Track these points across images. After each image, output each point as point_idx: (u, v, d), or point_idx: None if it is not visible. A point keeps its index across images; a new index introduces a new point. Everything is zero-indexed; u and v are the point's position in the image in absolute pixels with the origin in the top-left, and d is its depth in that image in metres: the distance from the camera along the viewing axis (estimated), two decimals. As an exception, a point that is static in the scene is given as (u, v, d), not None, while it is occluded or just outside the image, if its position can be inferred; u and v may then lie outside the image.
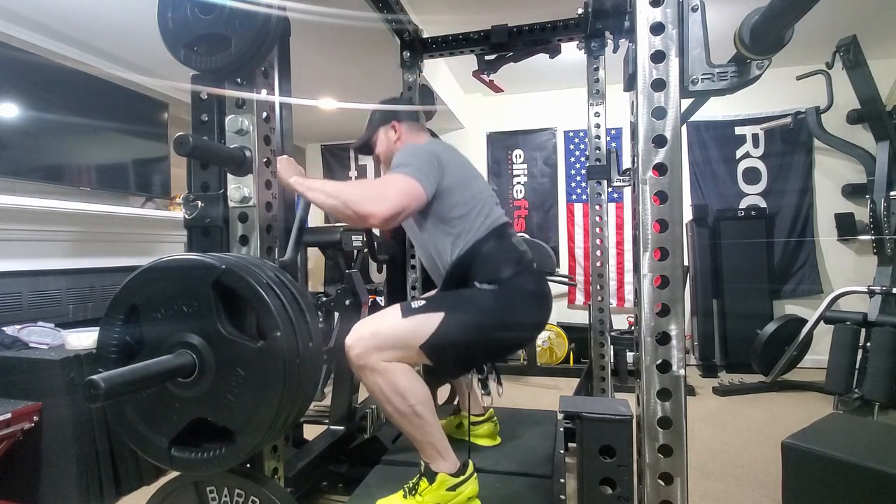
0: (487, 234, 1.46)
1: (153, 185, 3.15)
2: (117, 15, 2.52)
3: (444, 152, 1.49)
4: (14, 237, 2.33)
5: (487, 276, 1.42)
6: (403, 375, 1.29)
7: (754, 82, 0.92)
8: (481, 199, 1.51)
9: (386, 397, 1.29)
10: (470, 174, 1.53)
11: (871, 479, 1.41)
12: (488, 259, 1.44)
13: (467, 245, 1.44)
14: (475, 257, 1.44)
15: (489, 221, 1.49)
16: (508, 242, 1.50)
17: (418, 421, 1.31)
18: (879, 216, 3.17)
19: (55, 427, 1.87)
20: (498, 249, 1.46)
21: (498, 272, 1.42)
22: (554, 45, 2.34)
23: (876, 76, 3.20)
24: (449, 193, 1.44)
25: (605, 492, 1.12)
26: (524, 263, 1.48)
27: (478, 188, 1.52)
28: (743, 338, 3.72)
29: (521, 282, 1.44)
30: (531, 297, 1.46)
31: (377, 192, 1.30)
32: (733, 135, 4.16)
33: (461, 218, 1.45)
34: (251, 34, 1.04)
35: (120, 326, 0.97)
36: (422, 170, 1.36)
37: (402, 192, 1.32)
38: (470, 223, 1.46)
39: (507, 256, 1.46)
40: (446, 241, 1.46)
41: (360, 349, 1.28)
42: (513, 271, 1.43)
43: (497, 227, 1.49)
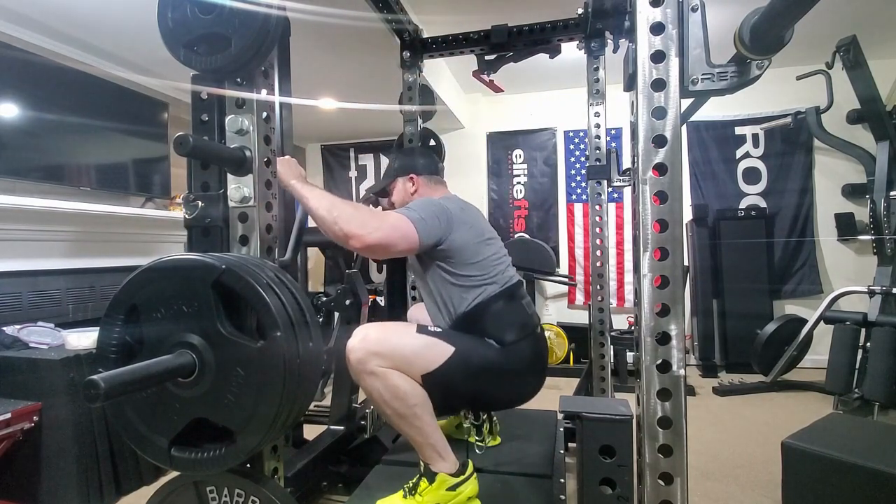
0: (499, 293, 1.47)
1: (153, 185, 3.15)
2: (117, 15, 2.52)
3: (460, 210, 1.49)
4: (14, 237, 2.33)
5: (493, 336, 1.44)
6: (401, 378, 1.30)
7: (754, 82, 0.92)
8: (495, 259, 1.51)
9: (384, 400, 1.30)
10: (484, 233, 1.53)
11: (871, 479, 1.41)
12: (496, 319, 1.45)
13: (477, 301, 1.45)
14: (484, 315, 1.45)
15: (502, 281, 1.49)
16: (518, 305, 1.51)
17: (417, 423, 1.31)
18: (879, 216, 3.17)
19: (55, 427, 1.87)
20: (506, 311, 1.47)
21: (504, 334, 1.44)
22: (554, 45, 2.34)
23: (876, 76, 3.20)
24: (461, 251, 1.44)
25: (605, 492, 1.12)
26: (529, 328, 1.49)
27: (493, 248, 1.53)
28: (743, 338, 3.72)
29: (524, 347, 1.46)
30: (530, 363, 1.48)
31: (369, 219, 1.30)
32: (733, 135, 4.16)
33: (472, 276, 1.46)
34: (251, 34, 1.04)
35: (120, 326, 0.97)
36: (424, 219, 1.37)
37: (393, 227, 1.32)
38: (481, 281, 1.46)
39: (514, 319, 1.47)
40: (454, 292, 1.47)
41: (363, 353, 1.28)
42: (518, 336, 1.45)
43: (509, 288, 1.50)
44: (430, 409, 1.33)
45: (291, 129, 1.59)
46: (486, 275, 1.47)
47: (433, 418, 1.34)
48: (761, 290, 3.93)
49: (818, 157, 4.00)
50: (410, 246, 1.36)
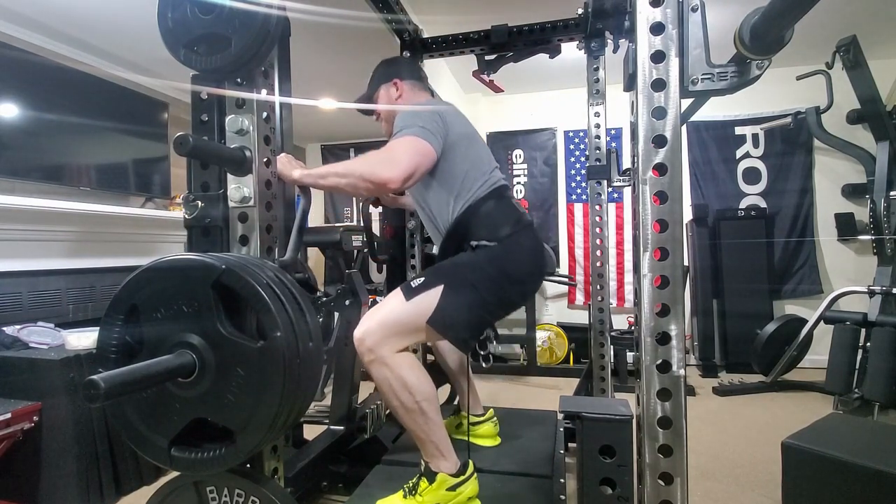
0: (487, 194, 1.47)
1: (153, 185, 3.15)
2: (117, 15, 2.52)
3: (447, 112, 1.49)
4: (14, 237, 2.33)
5: (487, 235, 1.42)
6: (411, 370, 1.30)
7: (754, 82, 0.92)
8: (482, 160, 1.51)
9: (393, 391, 1.29)
10: (471, 135, 1.53)
11: (871, 479, 1.41)
12: (488, 218, 1.44)
13: (467, 204, 1.45)
14: (475, 216, 1.44)
15: (490, 182, 1.49)
16: (507, 203, 1.50)
17: (422, 418, 1.31)
18: (879, 216, 3.17)
19: (55, 427, 1.87)
20: (497, 209, 1.46)
21: (497, 230, 1.42)
22: (554, 45, 2.34)
23: (876, 76, 3.20)
24: (450, 152, 1.44)
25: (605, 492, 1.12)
26: (523, 223, 1.48)
27: (479, 149, 1.52)
28: (743, 338, 3.72)
29: (520, 239, 1.44)
30: (530, 252, 1.46)
31: (387, 157, 1.31)
32: (733, 135, 4.16)
33: (462, 178, 1.45)
34: (251, 34, 1.04)
35: (120, 326, 0.97)
36: (427, 129, 1.37)
37: (412, 152, 1.33)
38: (471, 183, 1.46)
39: (506, 215, 1.46)
40: (447, 199, 1.47)
41: (371, 342, 1.28)
42: (511, 230, 1.44)
43: (497, 188, 1.50)
44: (436, 406, 1.33)
45: (291, 129, 1.60)
46: (473, 176, 1.47)
47: (439, 416, 1.34)
48: (761, 290, 3.93)
49: (818, 157, 4.00)
50: (432, 160, 1.37)
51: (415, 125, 1.37)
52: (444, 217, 1.49)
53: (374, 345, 1.28)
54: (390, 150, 1.33)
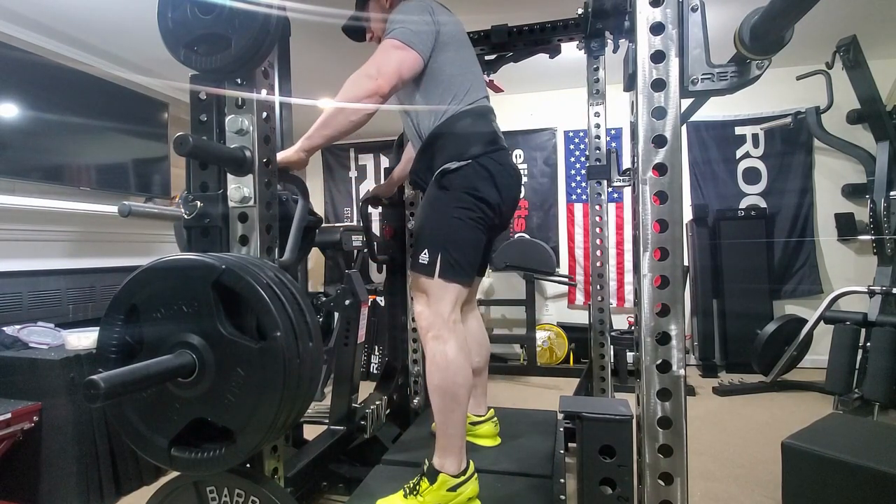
0: (468, 109, 1.45)
1: (153, 185, 3.15)
2: (117, 15, 2.52)
3: (440, 10, 1.46)
4: (14, 237, 2.33)
5: (457, 153, 1.41)
6: (459, 353, 1.35)
7: (754, 82, 0.92)
8: (471, 74, 1.49)
9: (438, 367, 1.34)
10: (463, 42, 1.51)
11: (871, 479, 1.41)
12: (462, 135, 1.43)
13: (447, 116, 1.44)
14: (451, 131, 1.43)
15: (472, 98, 1.47)
16: (486, 122, 1.48)
17: (453, 404, 1.34)
18: (879, 216, 3.17)
19: (55, 427, 1.87)
20: (473, 126, 1.44)
21: (468, 148, 1.41)
22: (554, 45, 2.34)
23: (876, 76, 3.20)
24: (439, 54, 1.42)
25: (605, 492, 1.12)
26: (497, 144, 1.47)
27: (469, 62, 1.50)
28: (743, 338, 3.72)
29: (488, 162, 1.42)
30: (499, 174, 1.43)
31: (366, 74, 1.30)
32: (733, 135, 4.16)
33: (446, 86, 1.44)
34: (251, 34, 1.04)
35: (120, 326, 0.97)
36: (416, 31, 1.35)
37: (395, 59, 1.32)
38: (454, 93, 1.44)
39: (481, 134, 1.45)
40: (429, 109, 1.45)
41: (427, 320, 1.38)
42: (483, 149, 1.42)
43: (479, 107, 1.48)
44: (467, 398, 1.38)
45: (291, 129, 1.59)
46: (456, 89, 1.45)
47: (465, 414, 1.39)
48: (761, 290, 3.93)
49: (818, 157, 4.00)
50: (415, 61, 1.36)
51: (403, 26, 1.35)
52: (425, 125, 1.48)
53: (431, 322, 1.37)
54: (373, 60, 1.33)
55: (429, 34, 1.39)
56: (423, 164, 1.50)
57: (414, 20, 1.38)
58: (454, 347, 1.35)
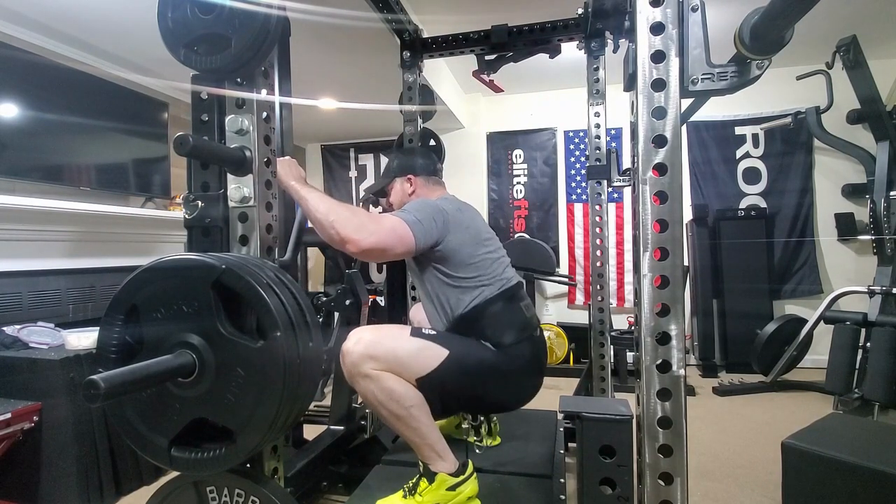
0: (497, 294, 1.46)
1: (153, 185, 3.15)
2: (117, 15, 2.51)
3: (457, 211, 1.49)
4: (14, 237, 2.33)
5: (491, 339, 1.43)
6: (396, 381, 1.30)
7: (754, 82, 0.92)
8: (493, 260, 1.51)
9: (380, 402, 1.30)
10: (482, 234, 1.53)
11: (871, 479, 1.41)
12: (494, 321, 1.44)
13: (475, 303, 1.44)
14: (481, 317, 1.44)
15: (500, 283, 1.49)
16: (517, 307, 1.50)
17: (414, 424, 1.31)
18: (879, 216, 3.17)
19: (55, 427, 1.87)
20: (504, 313, 1.46)
21: (502, 336, 1.43)
22: (554, 45, 2.34)
23: (876, 76, 3.20)
24: (458, 252, 1.44)
25: (605, 492, 1.12)
26: (528, 331, 1.49)
27: (490, 249, 1.52)
28: (743, 338, 3.72)
29: (522, 350, 1.45)
30: (528, 368, 1.48)
31: (365, 223, 1.30)
32: (733, 135, 4.16)
33: (469, 278, 1.45)
34: (251, 34, 1.04)
35: (120, 326, 0.97)
36: (420, 221, 1.37)
37: (390, 231, 1.32)
38: (478, 283, 1.46)
39: (512, 321, 1.46)
40: (451, 294, 1.46)
41: (357, 357, 1.28)
42: (515, 338, 1.44)
43: (508, 289, 1.49)
44: (426, 410, 1.33)
45: (291, 129, 1.59)
46: (484, 276, 1.46)
47: (430, 419, 1.34)
48: (761, 290, 3.93)
49: (818, 157, 4.00)
50: (407, 249, 1.36)
51: (412, 214, 1.38)
52: (447, 310, 1.49)
53: (360, 360, 1.28)
54: (373, 220, 1.33)
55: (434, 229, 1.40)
56: None
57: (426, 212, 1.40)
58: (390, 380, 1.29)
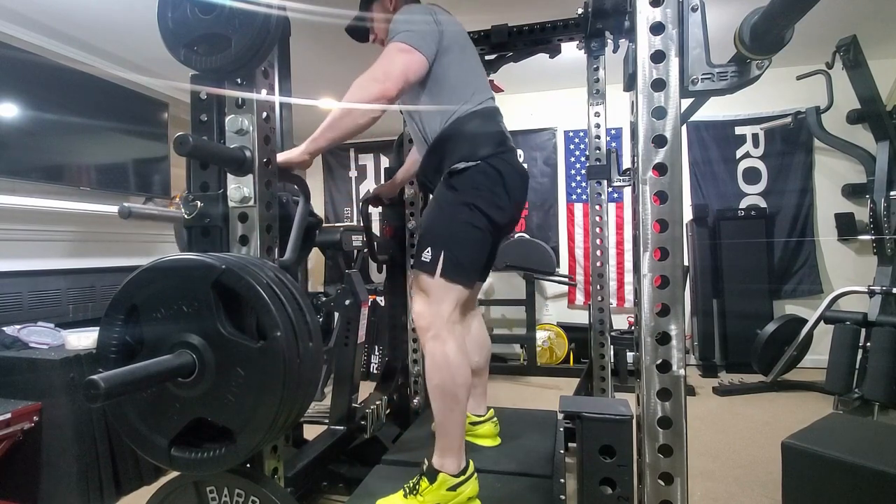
0: (476, 111, 1.45)
1: (153, 185, 3.15)
2: (117, 15, 2.52)
3: (442, 13, 1.47)
4: (14, 237, 2.33)
5: (467, 153, 1.41)
6: (458, 353, 1.34)
7: (754, 82, 0.92)
8: (475, 75, 1.49)
9: (437, 367, 1.34)
10: (466, 44, 1.51)
11: (871, 479, 1.41)
12: (471, 136, 1.43)
13: (455, 117, 1.43)
14: (459, 132, 1.43)
15: (479, 99, 1.47)
16: (494, 123, 1.48)
17: (453, 404, 1.34)
18: (879, 216, 3.17)
19: (55, 427, 1.87)
20: (482, 127, 1.44)
21: (478, 149, 1.41)
22: (554, 45, 2.34)
23: (876, 76, 3.20)
24: (443, 57, 1.42)
25: (605, 492, 1.12)
26: (506, 146, 1.47)
27: (473, 62, 1.50)
28: (743, 338, 3.72)
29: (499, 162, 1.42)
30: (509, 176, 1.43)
31: (375, 76, 1.30)
32: (733, 135, 4.16)
33: (452, 88, 1.44)
34: (251, 34, 1.04)
35: (120, 326, 0.97)
36: (420, 34, 1.35)
37: (401, 61, 1.32)
38: (460, 95, 1.44)
39: (490, 135, 1.44)
40: (436, 110, 1.45)
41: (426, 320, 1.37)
42: (493, 150, 1.42)
43: (487, 108, 1.48)
44: (466, 400, 1.38)
45: (291, 130, 1.59)
46: (462, 90, 1.45)
47: (464, 413, 1.39)
48: (761, 290, 3.93)
49: (818, 157, 4.00)
50: (421, 64, 1.36)
51: (408, 30, 1.35)
52: (432, 127, 1.47)
53: (430, 322, 1.35)
54: (379, 64, 1.32)
55: (433, 36, 1.39)
56: (432, 166, 1.50)
57: (417, 21, 1.38)
58: (453, 347, 1.35)
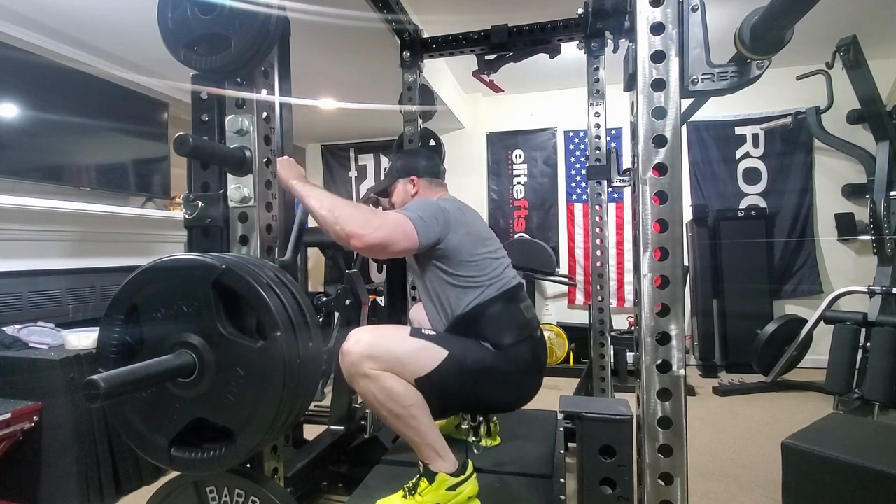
0: (497, 295, 1.47)
1: (153, 185, 3.14)
2: (117, 15, 2.51)
3: (457, 211, 1.50)
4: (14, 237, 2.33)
5: (490, 339, 1.43)
6: (395, 380, 1.29)
7: (754, 82, 0.92)
8: (493, 260, 1.51)
9: (379, 402, 1.30)
10: (482, 234, 1.53)
11: (871, 479, 1.41)
12: (493, 322, 1.44)
13: (474, 304, 1.45)
14: (481, 318, 1.44)
15: (500, 283, 1.49)
16: (516, 308, 1.50)
17: (414, 423, 1.31)
18: (879, 216, 3.17)
19: (55, 427, 1.87)
20: (504, 313, 1.46)
21: (500, 337, 1.43)
22: (554, 45, 2.34)
23: (876, 76, 3.20)
24: (458, 251, 1.44)
25: (605, 492, 1.12)
26: (527, 332, 1.49)
27: (490, 249, 1.52)
28: (743, 338, 3.72)
29: (521, 350, 1.45)
30: (527, 369, 1.48)
31: (370, 218, 1.31)
32: (733, 135, 4.16)
33: (469, 277, 1.45)
34: (251, 34, 1.04)
35: (120, 326, 0.97)
36: (423, 218, 1.38)
37: (394, 226, 1.32)
38: (478, 283, 1.46)
39: (511, 321, 1.46)
40: (451, 293, 1.47)
41: (356, 357, 1.28)
42: (514, 339, 1.44)
43: (508, 290, 1.49)
44: (426, 409, 1.33)
45: (291, 129, 1.59)
46: (484, 276, 1.46)
47: (429, 419, 1.34)
48: (761, 290, 3.93)
49: (818, 157, 4.00)
50: (410, 245, 1.36)
51: (415, 211, 1.39)
52: (447, 309, 1.49)
53: (359, 360, 1.27)
54: (377, 216, 1.34)
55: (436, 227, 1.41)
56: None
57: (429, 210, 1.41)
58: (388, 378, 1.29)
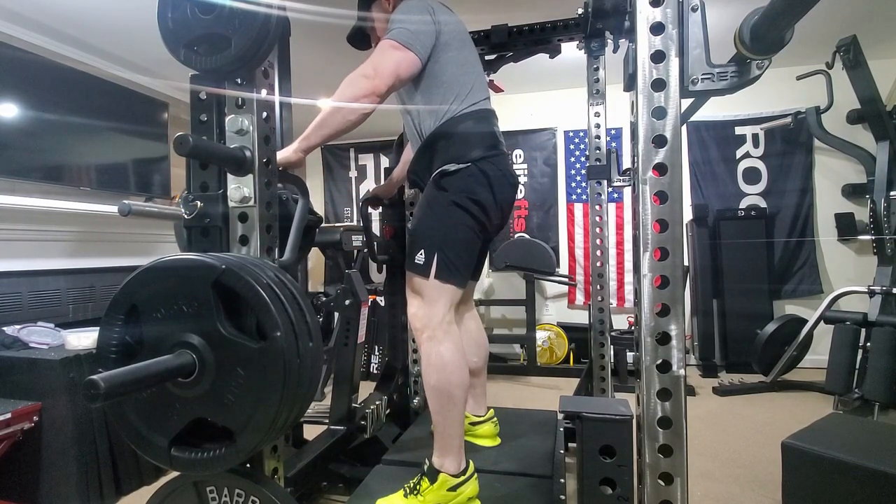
0: (469, 112, 1.45)
1: (153, 185, 3.15)
2: (117, 15, 2.52)
3: (442, 11, 1.46)
4: (14, 237, 2.33)
5: (457, 155, 1.41)
6: (454, 354, 1.35)
7: (754, 82, 0.92)
8: (473, 72, 1.49)
9: (433, 367, 1.34)
10: (465, 42, 1.50)
11: (871, 479, 1.41)
12: (463, 137, 1.43)
13: (448, 117, 1.43)
14: (452, 133, 1.43)
15: (473, 101, 1.47)
16: (487, 125, 1.48)
17: (450, 405, 1.34)
18: (879, 216, 3.17)
19: (55, 427, 1.87)
20: (475, 129, 1.44)
21: (469, 151, 1.41)
22: (554, 45, 2.34)
23: (876, 76, 3.19)
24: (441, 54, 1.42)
25: (605, 492, 1.12)
26: (498, 149, 1.47)
27: (472, 60, 1.50)
28: (743, 338, 3.72)
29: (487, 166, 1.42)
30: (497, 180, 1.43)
31: (365, 72, 1.30)
32: (733, 135, 4.16)
33: (447, 87, 1.43)
34: (251, 34, 1.04)
35: (120, 326, 0.97)
36: (414, 32, 1.35)
37: (391, 59, 1.32)
38: (455, 94, 1.44)
39: (482, 137, 1.44)
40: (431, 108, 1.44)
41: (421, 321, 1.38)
42: (483, 153, 1.42)
43: (480, 110, 1.48)
44: (464, 399, 1.38)
45: (291, 129, 1.59)
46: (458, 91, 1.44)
47: (462, 413, 1.38)
48: (761, 290, 3.93)
49: (818, 157, 4.00)
50: (414, 69, 1.36)
51: (402, 27, 1.35)
52: (426, 125, 1.47)
53: (426, 323, 1.37)
54: (370, 61, 1.32)
55: (428, 34, 1.39)
56: (423, 164, 1.50)
57: (414, 20, 1.38)
58: (449, 348, 1.35)
